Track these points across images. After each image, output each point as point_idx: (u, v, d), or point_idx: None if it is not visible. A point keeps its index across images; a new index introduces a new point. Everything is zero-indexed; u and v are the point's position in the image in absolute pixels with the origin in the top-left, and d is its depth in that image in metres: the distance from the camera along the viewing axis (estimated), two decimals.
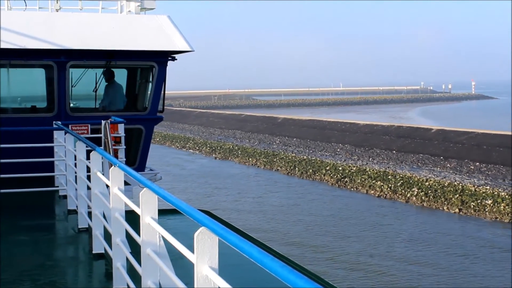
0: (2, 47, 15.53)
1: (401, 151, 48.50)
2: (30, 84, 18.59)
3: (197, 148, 60.32)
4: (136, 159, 17.70)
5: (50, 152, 14.39)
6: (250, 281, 8.26)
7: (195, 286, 4.13)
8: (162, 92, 17.60)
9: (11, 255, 9.31)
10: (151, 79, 17.49)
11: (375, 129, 56.60)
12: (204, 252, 4.11)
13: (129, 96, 18.46)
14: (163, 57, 17.25)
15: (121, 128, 14.98)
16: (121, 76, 18.22)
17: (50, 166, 14.52)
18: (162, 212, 6.43)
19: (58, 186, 14.11)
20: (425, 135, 50.31)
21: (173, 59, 17.52)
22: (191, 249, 4.22)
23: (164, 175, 42.86)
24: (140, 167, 17.63)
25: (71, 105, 18.33)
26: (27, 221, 11.87)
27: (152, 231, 5.67)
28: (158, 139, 69.19)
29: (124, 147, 14.96)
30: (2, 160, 13.18)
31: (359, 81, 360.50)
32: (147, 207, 5.71)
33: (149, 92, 17.59)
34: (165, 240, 5.44)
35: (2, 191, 12.77)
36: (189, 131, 76.36)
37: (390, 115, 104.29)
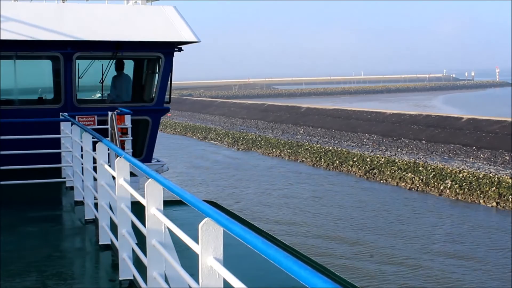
0: (9, 38, 15.82)
1: (431, 141, 48.18)
2: (37, 75, 19.00)
3: (219, 139, 60.37)
4: (142, 150, 18.11)
5: (57, 143, 14.73)
6: (255, 271, 8.46)
7: (200, 276, 4.27)
8: (169, 83, 17.99)
9: (18, 246, 9.57)
10: (157, 70, 17.88)
11: (403, 118, 56.25)
12: (209, 243, 4.26)
13: (135, 87, 18.83)
14: (169, 48, 17.63)
15: (127, 119, 15.37)
16: (127, 67, 18.58)
17: (57, 158, 14.85)
18: (167, 203, 6.73)
19: (65, 178, 14.45)
20: (455, 124, 49.90)
21: (180, 49, 17.89)
22: (196, 240, 4.37)
23: (185, 167, 43.27)
24: (147, 158, 18.05)
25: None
26: (34, 212, 12.16)
27: (158, 222, 5.83)
28: (179, 130, 69.73)
29: (131, 138, 15.32)
30: (9, 152, 13.55)
31: (380, 70, 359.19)
32: (153, 198, 5.88)
33: (155, 83, 18.00)
34: (170, 231, 5.62)
35: (9, 182, 13.10)
36: (211, 122, 76.66)
37: (414, 103, 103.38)
